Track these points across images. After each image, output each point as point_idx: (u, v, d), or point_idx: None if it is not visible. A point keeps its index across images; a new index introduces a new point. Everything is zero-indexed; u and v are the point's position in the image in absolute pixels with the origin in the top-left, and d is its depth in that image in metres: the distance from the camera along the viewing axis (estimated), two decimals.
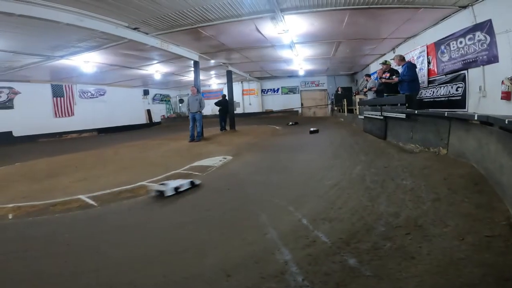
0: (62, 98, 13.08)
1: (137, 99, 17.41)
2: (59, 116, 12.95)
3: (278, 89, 19.54)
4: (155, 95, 19.05)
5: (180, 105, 20.41)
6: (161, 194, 3.49)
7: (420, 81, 6.91)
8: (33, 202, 3.53)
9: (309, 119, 15.91)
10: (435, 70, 7.31)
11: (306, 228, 2.27)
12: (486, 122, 2.60)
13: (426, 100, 7.61)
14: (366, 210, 2.47)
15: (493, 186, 2.44)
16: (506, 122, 2.12)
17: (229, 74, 12.81)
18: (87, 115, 13.84)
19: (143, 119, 17.63)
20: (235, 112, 12.81)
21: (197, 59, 10.16)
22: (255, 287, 1.60)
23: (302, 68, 14.71)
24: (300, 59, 12.44)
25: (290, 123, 13.13)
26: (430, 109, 6.52)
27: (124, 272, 1.86)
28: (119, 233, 2.56)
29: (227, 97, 12.04)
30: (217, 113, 12.14)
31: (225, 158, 5.69)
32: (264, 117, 17.76)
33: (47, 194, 3.86)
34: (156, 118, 18.48)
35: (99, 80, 13.55)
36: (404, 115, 4.66)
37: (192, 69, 11.62)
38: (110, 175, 4.75)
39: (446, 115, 3.60)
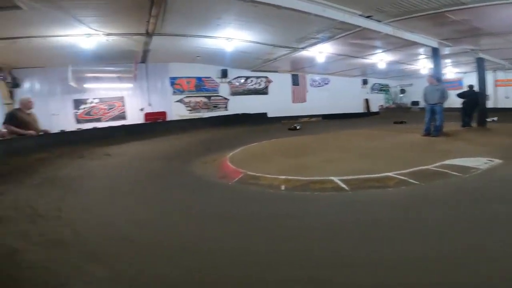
0: (298, 86, 15.61)
1: (356, 88, 17.71)
2: (296, 102, 15.57)
3: None
4: (374, 84, 18.58)
5: (401, 95, 18.83)
6: None
7: None
8: (297, 177, 3.91)
9: None
10: None
11: None
12: None
13: None
14: None
15: None
16: None
17: (480, 62, 10.14)
18: (315, 102, 15.71)
19: (360, 108, 17.82)
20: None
21: (436, 46, 8.86)
22: None
23: None
24: None
25: None
26: None
27: (401, 270, 1.66)
28: (382, 225, 2.39)
29: (474, 88, 9.46)
30: (455, 106, 9.91)
31: (491, 160, 4.35)
32: None
33: (303, 170, 4.23)
34: (373, 108, 18.11)
35: (325, 70, 14.78)
36: None
37: (422, 56, 10.53)
38: (348, 160, 4.87)
39: None
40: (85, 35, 7.49)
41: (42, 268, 1.69)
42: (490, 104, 13.90)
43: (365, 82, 17.87)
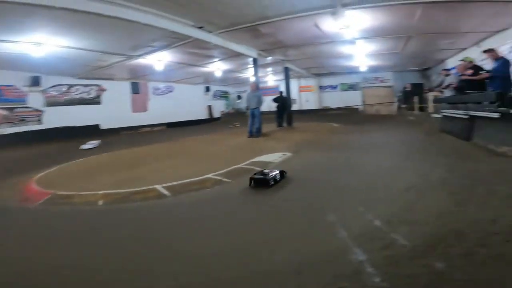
0: (138, 95, 14.66)
1: (199, 95, 18.56)
2: (136, 111, 14.54)
3: (336, 85, 18.77)
4: (216, 91, 20.10)
5: (238, 101, 21.16)
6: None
7: None
8: (117, 190, 3.79)
9: (372, 117, 14.88)
10: None
11: (380, 229, 2.14)
12: None
13: None
14: (453, 215, 2.22)
15: None
16: None
17: (286, 71, 12.79)
18: (158, 110, 15.23)
19: (204, 115, 18.79)
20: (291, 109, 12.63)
21: (255, 56, 10.31)
22: (327, 286, 1.55)
23: (364, 64, 13.83)
24: (362, 55, 11.76)
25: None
26: None
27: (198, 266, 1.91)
28: (191, 226, 2.63)
29: (284, 94, 11.98)
30: (274, 109, 12.10)
31: (284, 154, 5.66)
32: (322, 114, 17.23)
33: (130, 182, 4.10)
34: (216, 113, 19.49)
35: (168, 77, 14.74)
36: (498, 114, 3.98)
37: (250, 66, 11.86)
38: (179, 167, 5.05)
39: None
40: None
41: None
42: (296, 107, 17.99)
43: (207, 89, 19.03)
